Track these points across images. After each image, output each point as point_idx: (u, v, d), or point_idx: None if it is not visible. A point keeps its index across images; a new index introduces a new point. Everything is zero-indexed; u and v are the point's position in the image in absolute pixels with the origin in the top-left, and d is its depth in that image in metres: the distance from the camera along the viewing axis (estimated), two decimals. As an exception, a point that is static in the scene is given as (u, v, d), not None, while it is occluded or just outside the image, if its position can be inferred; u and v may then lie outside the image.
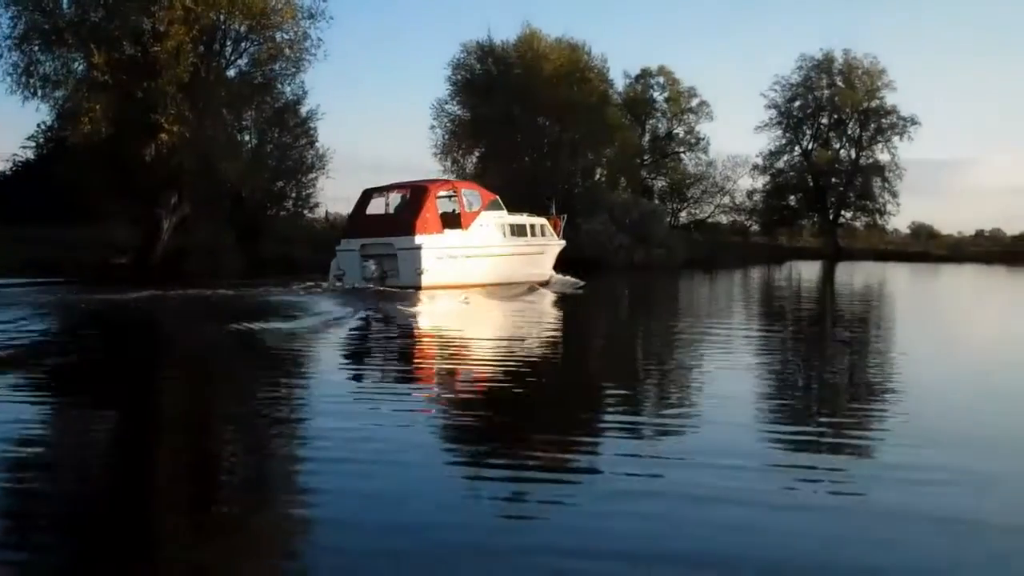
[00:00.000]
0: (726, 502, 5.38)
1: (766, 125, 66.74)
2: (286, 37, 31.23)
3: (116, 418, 8.13)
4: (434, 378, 10.99)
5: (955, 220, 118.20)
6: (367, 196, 25.55)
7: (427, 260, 22.87)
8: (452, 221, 24.41)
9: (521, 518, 5.23)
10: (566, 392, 9.95)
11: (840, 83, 64.76)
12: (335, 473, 5.96)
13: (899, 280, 38.74)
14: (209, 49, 30.54)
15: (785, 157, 67.41)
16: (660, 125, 63.77)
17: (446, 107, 49.08)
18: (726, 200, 66.39)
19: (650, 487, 5.74)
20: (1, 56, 28.54)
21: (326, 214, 43.27)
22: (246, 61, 31.99)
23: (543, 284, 26.48)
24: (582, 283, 26.36)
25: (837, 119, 66.26)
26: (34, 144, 38.48)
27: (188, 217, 30.51)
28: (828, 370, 12.14)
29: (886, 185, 64.83)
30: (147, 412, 8.51)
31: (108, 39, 28.11)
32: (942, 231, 74.13)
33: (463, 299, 21.38)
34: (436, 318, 19.24)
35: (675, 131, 63.70)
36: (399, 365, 12.11)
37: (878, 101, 64.23)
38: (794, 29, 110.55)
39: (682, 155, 64.28)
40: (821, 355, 13.80)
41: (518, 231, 26.48)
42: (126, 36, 28.74)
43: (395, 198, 25.49)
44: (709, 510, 5.28)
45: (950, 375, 11.42)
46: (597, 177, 51.43)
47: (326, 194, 46.26)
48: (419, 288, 22.40)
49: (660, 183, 64.39)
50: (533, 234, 27.02)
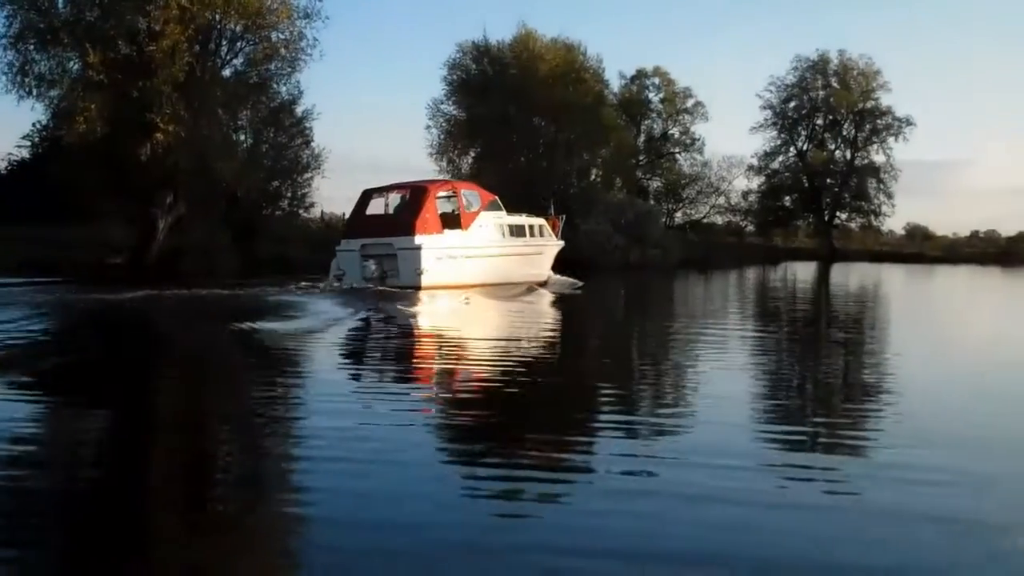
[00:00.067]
0: (720, 501, 5.40)
1: (761, 126, 67.03)
2: (282, 37, 31.23)
3: (112, 417, 8.12)
4: (432, 378, 11.00)
5: (950, 221, 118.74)
6: (367, 196, 25.55)
7: (427, 260, 22.91)
8: (452, 221, 24.45)
9: (515, 516, 5.25)
10: (563, 392, 9.94)
11: (835, 84, 64.90)
12: (330, 472, 5.97)
13: (894, 281, 38.80)
14: (204, 49, 30.48)
15: (780, 158, 67.68)
16: (655, 125, 63.96)
17: (442, 107, 49.19)
18: (721, 201, 66.62)
19: (644, 486, 5.76)
20: (-4, 56, 28.54)
21: (321, 214, 43.33)
22: (242, 61, 32.02)
23: (542, 284, 26.51)
24: (580, 283, 26.43)
25: (832, 120, 66.34)
26: (29, 143, 38.52)
27: (183, 217, 30.45)
28: (822, 370, 12.17)
29: (881, 186, 65.00)
30: (143, 411, 8.48)
31: (103, 38, 28.06)
32: (937, 232, 74.42)
33: (464, 299, 21.45)
34: (436, 318, 19.25)
35: (670, 132, 63.89)
36: (398, 364, 12.12)
37: (873, 102, 64.38)
38: (789, 30, 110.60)
39: (677, 156, 64.42)
40: (816, 355, 13.84)
41: (517, 231, 26.52)
42: (121, 35, 28.68)
43: (395, 198, 25.52)
44: (703, 509, 5.29)
45: (944, 375, 11.46)
46: (592, 177, 51.45)
47: (321, 194, 46.04)
48: (419, 288, 22.43)
49: (655, 183, 64.49)
50: (532, 235, 27.05)
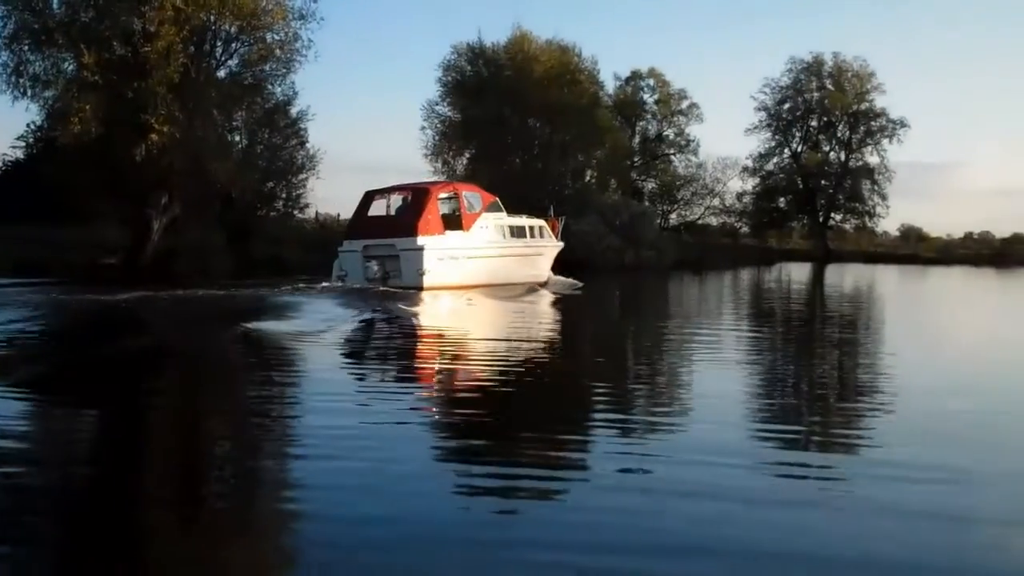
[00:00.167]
0: (713, 497, 5.43)
1: (756, 127, 66.94)
2: (276, 38, 31.22)
3: (109, 416, 8.12)
4: (432, 377, 11.04)
5: (944, 222, 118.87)
6: (369, 198, 25.73)
7: (429, 261, 23.08)
8: (453, 222, 24.60)
9: (511, 513, 5.28)
10: (561, 390, 9.99)
11: (830, 86, 64.89)
12: (327, 469, 6.00)
13: (888, 282, 38.88)
14: (199, 50, 30.45)
15: (775, 159, 67.60)
16: (650, 127, 63.88)
17: (437, 108, 49.05)
18: (716, 202, 66.56)
19: (639, 483, 5.80)
20: (-9, 56, 28.50)
21: (316, 215, 43.26)
22: (236, 62, 31.97)
23: (542, 285, 26.66)
24: (580, 284, 26.58)
25: (827, 121, 66.35)
26: (24, 144, 38.36)
27: (178, 218, 30.39)
28: (816, 370, 12.20)
29: (875, 187, 64.94)
30: (141, 410, 8.49)
31: (98, 39, 28.03)
32: (931, 233, 74.44)
33: (467, 300, 21.63)
34: (438, 318, 19.30)
35: (665, 133, 63.81)
36: (399, 364, 12.13)
37: (867, 104, 64.35)
38: (784, 32, 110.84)
39: (672, 157, 64.36)
40: (810, 355, 13.88)
41: (517, 232, 26.71)
42: (116, 36, 28.65)
43: (396, 200, 25.73)
44: (696, 505, 5.33)
45: (938, 375, 11.50)
46: (587, 179, 51.45)
47: (316, 195, 46.03)
48: (421, 288, 22.58)
49: (650, 185, 64.48)
50: (532, 236, 27.25)
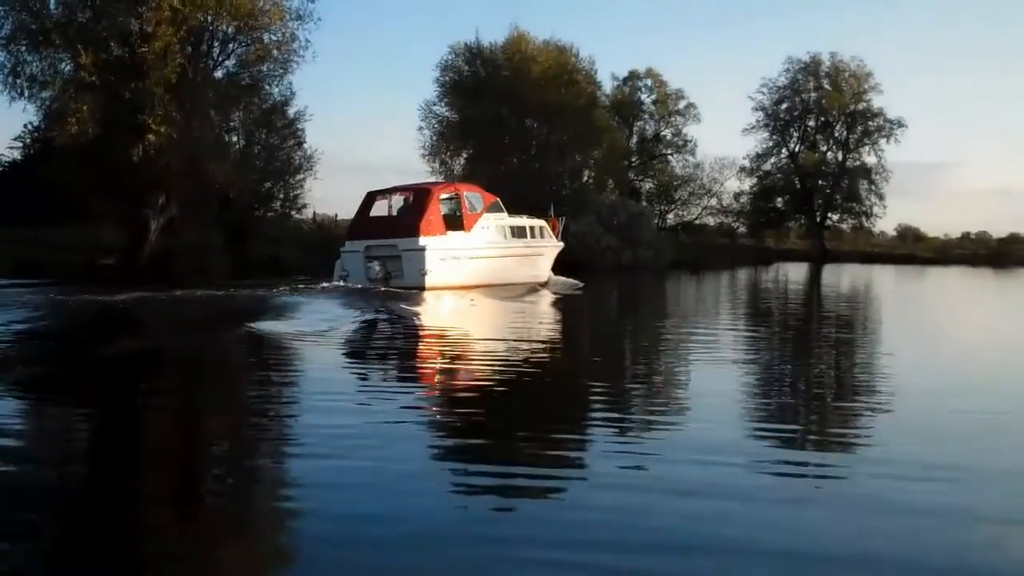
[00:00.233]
0: (711, 496, 5.46)
1: (753, 127, 66.90)
2: (274, 38, 31.15)
3: (110, 416, 8.14)
4: (432, 377, 11.08)
5: (941, 223, 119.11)
6: (370, 198, 25.85)
7: (431, 261, 23.20)
8: (455, 223, 24.70)
9: (507, 511, 5.32)
10: (560, 390, 10.03)
11: (827, 86, 64.87)
12: (325, 468, 6.03)
13: (885, 282, 38.93)
14: (197, 50, 30.41)
15: (772, 159, 67.57)
16: (648, 127, 63.82)
17: (434, 108, 48.92)
18: (713, 202, 66.45)
19: (636, 482, 5.82)
20: (-12, 56, 28.46)
21: (314, 215, 43.23)
22: (234, 62, 31.89)
23: (542, 285, 26.75)
24: (581, 284, 26.66)
25: (824, 121, 66.31)
26: (21, 145, 38.32)
27: (175, 218, 30.31)
28: (814, 369, 12.23)
29: (872, 187, 64.93)
30: (142, 410, 8.53)
31: (95, 40, 27.96)
32: (928, 233, 74.54)
33: (469, 300, 21.76)
34: (440, 318, 19.35)
35: (662, 133, 63.75)
36: (400, 364, 12.14)
37: (865, 104, 64.35)
38: (781, 32, 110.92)
39: (669, 157, 64.30)
40: (807, 355, 13.92)
41: (518, 233, 26.84)
42: (113, 37, 28.59)
43: (398, 200, 25.88)
44: (693, 504, 5.35)
45: (936, 375, 11.55)
46: (585, 179, 51.38)
47: (313, 195, 45.86)
48: (423, 289, 22.68)
49: (648, 185, 64.43)
50: (533, 236, 27.38)
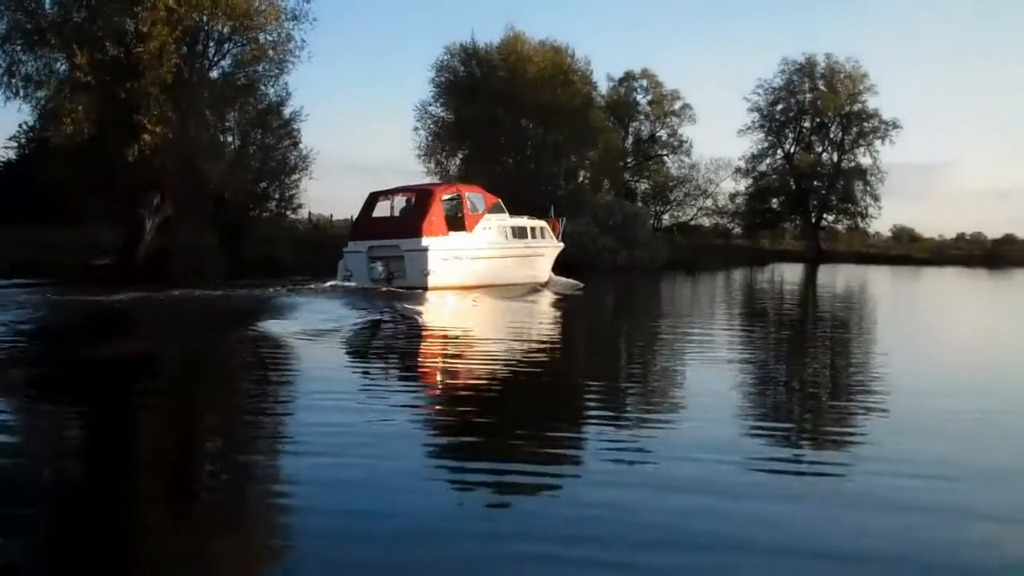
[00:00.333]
0: (706, 493, 5.50)
1: (749, 128, 67.01)
2: (269, 38, 31.09)
3: (111, 415, 8.16)
4: (432, 376, 11.11)
5: (936, 223, 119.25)
6: (373, 199, 26.04)
7: (433, 261, 23.37)
8: (456, 224, 24.85)
9: (502, 507, 5.35)
10: (558, 389, 10.06)
11: (822, 87, 64.96)
12: (322, 465, 6.06)
13: (880, 283, 39.01)
14: (192, 50, 30.37)
15: (767, 160, 67.68)
16: (643, 128, 63.82)
17: (430, 109, 48.98)
18: (709, 203, 66.38)
19: (632, 479, 5.87)
20: (-17, 56, 28.41)
21: (309, 215, 43.25)
22: (229, 62, 31.84)
23: (543, 285, 26.88)
24: (581, 285, 26.75)
25: (819, 123, 66.40)
26: (16, 144, 38.29)
27: (171, 218, 30.26)
28: (809, 369, 12.28)
29: (868, 188, 65.01)
30: (143, 409, 8.58)
31: (91, 39, 27.91)
32: (923, 234, 74.78)
33: (472, 300, 21.93)
34: (442, 318, 19.39)
35: (658, 134, 63.77)
36: (401, 363, 12.13)
37: (860, 105, 64.45)
38: (776, 33, 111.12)
39: (665, 158, 64.24)
40: (803, 355, 13.96)
41: (519, 233, 27.01)
42: (109, 37, 28.53)
43: (400, 201, 26.04)
44: (688, 500, 5.39)
45: (930, 374, 11.61)
46: (580, 179, 51.43)
47: (309, 195, 45.74)
48: (425, 289, 22.83)
49: (643, 186, 64.40)
50: (533, 236, 27.56)
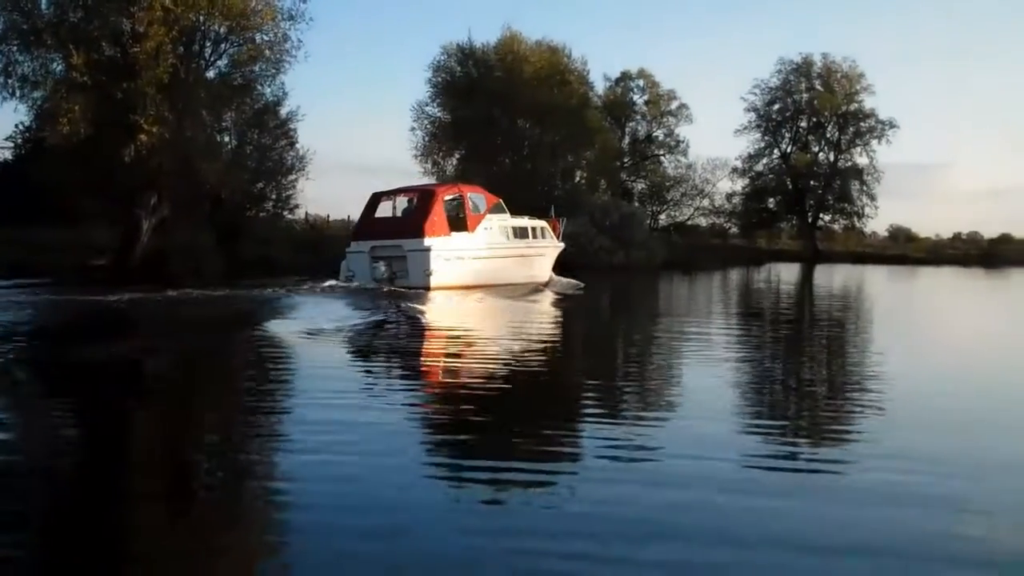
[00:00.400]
0: (704, 489, 5.54)
1: (745, 128, 67.08)
2: (266, 38, 31.15)
3: (105, 413, 8.18)
4: (432, 374, 11.13)
5: (933, 223, 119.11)
6: (375, 199, 26.25)
7: (435, 261, 23.52)
8: (458, 224, 25.00)
9: (498, 503, 5.39)
10: (557, 388, 10.11)
11: (819, 87, 64.99)
12: (321, 462, 6.10)
13: (877, 282, 39.04)
14: (189, 50, 30.36)
15: (764, 160, 67.69)
16: (640, 128, 63.82)
17: (426, 109, 48.98)
18: (705, 203, 66.43)
19: (625, 475, 5.92)
20: (-21, 57, 28.39)
21: (306, 215, 43.18)
22: (226, 62, 31.87)
23: (544, 285, 26.98)
24: (582, 285, 26.80)
25: (816, 122, 66.45)
26: (12, 145, 38.27)
27: (167, 218, 30.26)
28: (806, 368, 12.33)
29: (864, 188, 65.02)
30: (143, 407, 8.62)
31: (87, 40, 27.94)
32: (920, 234, 74.84)
33: (475, 299, 22.05)
34: (445, 317, 19.42)
35: (655, 134, 63.78)
36: (402, 362, 12.15)
37: (856, 104, 64.49)
38: (773, 33, 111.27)
39: (662, 158, 64.27)
40: (799, 354, 14.02)
41: (520, 233, 27.17)
42: (105, 37, 28.56)
43: (402, 202, 26.34)
44: (685, 495, 5.43)
45: (927, 372, 11.66)
46: (577, 179, 51.42)
47: (306, 195, 45.92)
48: (427, 288, 22.97)
49: (640, 186, 64.43)
50: (534, 236, 27.72)
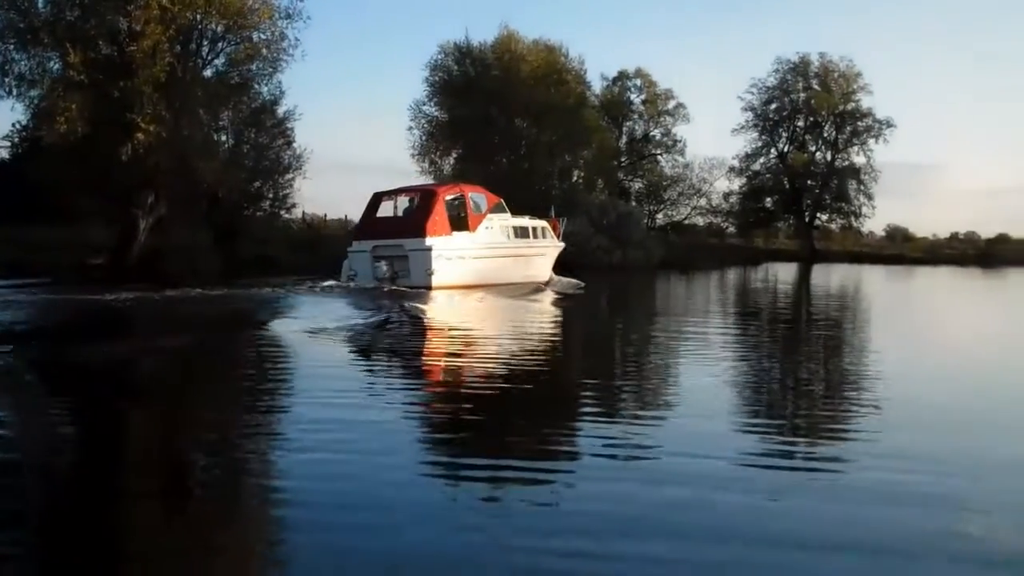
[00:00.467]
0: (702, 487, 5.56)
1: (742, 127, 67.10)
2: (263, 37, 31.14)
3: (104, 413, 8.19)
4: (432, 373, 11.15)
5: (930, 223, 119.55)
6: (377, 199, 26.31)
7: (437, 261, 23.55)
8: (460, 223, 25.06)
9: (493, 500, 5.40)
10: (555, 387, 10.11)
11: (816, 86, 65.05)
12: (314, 459, 6.12)
13: (874, 282, 39.10)
14: (186, 49, 30.33)
15: (761, 159, 67.75)
16: (637, 127, 63.82)
17: (423, 108, 48.89)
18: (702, 202, 66.51)
19: (622, 472, 5.94)
20: (-25, 56, 28.35)
21: (303, 214, 43.14)
22: (223, 61, 31.85)
23: (544, 285, 27.04)
24: (583, 284, 26.85)
25: (813, 122, 66.49)
26: (9, 144, 38.14)
27: (164, 217, 30.24)
28: (804, 367, 12.34)
29: (861, 188, 65.06)
30: (142, 406, 8.65)
31: (84, 38, 27.90)
32: (917, 234, 74.96)
33: (478, 299, 22.11)
34: (447, 316, 19.43)
35: (652, 133, 63.79)
36: (403, 360, 12.14)
37: (854, 104, 64.52)
38: (770, 32, 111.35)
39: (659, 157, 64.30)
40: (797, 353, 14.06)
41: (521, 233, 27.26)
42: (102, 35, 28.54)
43: (403, 201, 26.39)
44: (683, 493, 5.44)
45: (924, 371, 11.67)
46: (575, 179, 51.44)
47: (303, 194, 45.87)
48: (429, 288, 23.01)
49: (637, 185, 64.47)
50: (535, 236, 27.82)
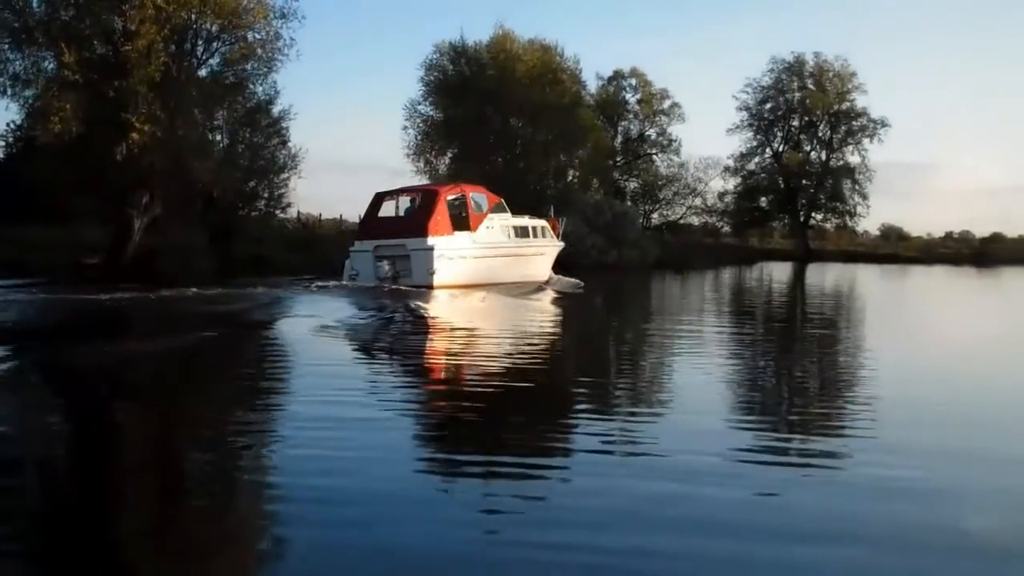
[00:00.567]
0: (692, 483, 5.59)
1: (738, 127, 67.33)
2: (258, 37, 31.00)
3: (104, 412, 8.27)
4: (432, 372, 11.19)
5: (925, 222, 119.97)
6: (379, 199, 26.47)
7: (438, 261, 23.64)
8: (461, 223, 25.19)
9: (489, 495, 5.42)
10: (552, 383, 10.17)
11: (811, 85, 65.19)
12: (313, 457, 6.16)
13: (869, 281, 39.19)
14: (180, 48, 30.25)
15: (756, 159, 67.99)
16: (632, 127, 64.01)
17: (419, 108, 48.92)
18: (698, 202, 66.81)
19: (619, 468, 5.98)
20: (-31, 55, 28.26)
21: (298, 214, 43.18)
22: (218, 61, 31.72)
23: (544, 284, 27.14)
24: (583, 284, 26.91)
25: (808, 121, 66.60)
26: (3, 143, 38.16)
27: (159, 217, 30.18)
28: (798, 365, 12.41)
29: (856, 187, 65.28)
30: (139, 406, 8.68)
31: (79, 38, 27.81)
32: (912, 233, 75.21)
33: (480, 298, 22.22)
34: (448, 315, 19.46)
35: (647, 133, 63.93)
36: (403, 359, 12.21)
37: (848, 103, 64.76)
38: (766, 32, 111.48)
39: (654, 157, 64.47)
40: (791, 352, 14.12)
41: (521, 233, 27.40)
42: (97, 35, 28.45)
43: (405, 201, 26.55)
44: (680, 489, 5.48)
45: (917, 369, 11.78)
46: (570, 178, 51.44)
47: (298, 194, 45.93)
48: (431, 287, 23.10)
49: (632, 184, 64.61)
50: (535, 236, 27.96)
